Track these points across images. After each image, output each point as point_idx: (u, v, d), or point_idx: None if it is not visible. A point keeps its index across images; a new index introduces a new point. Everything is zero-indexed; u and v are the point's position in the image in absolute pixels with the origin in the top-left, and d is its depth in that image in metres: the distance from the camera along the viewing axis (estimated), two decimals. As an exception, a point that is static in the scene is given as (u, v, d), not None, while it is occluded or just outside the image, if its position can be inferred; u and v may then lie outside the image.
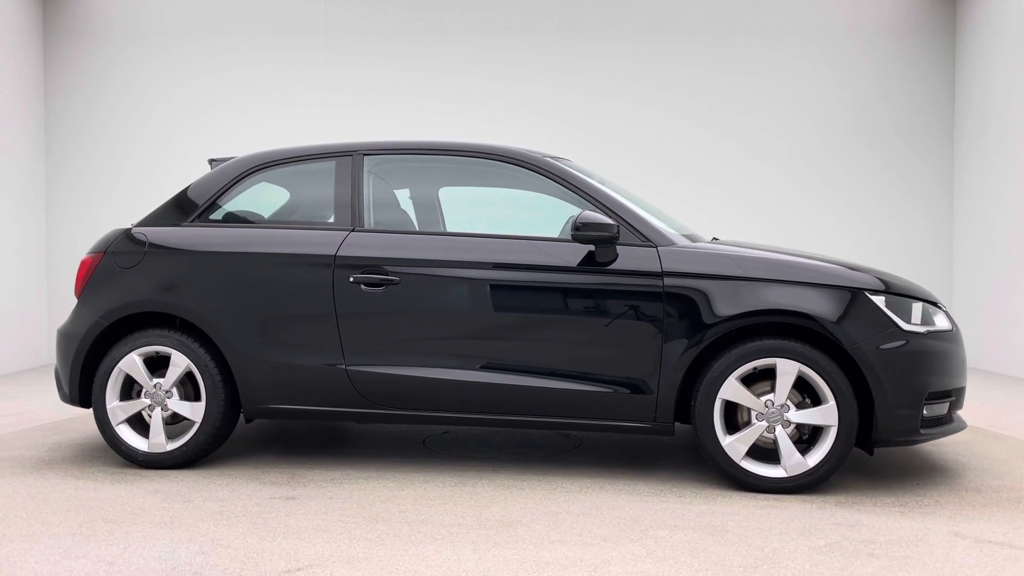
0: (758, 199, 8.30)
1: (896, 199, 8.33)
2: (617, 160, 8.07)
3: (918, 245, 8.34)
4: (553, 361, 3.76)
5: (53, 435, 4.80)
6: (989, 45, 7.77)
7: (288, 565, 2.72)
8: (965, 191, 8.14)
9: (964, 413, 4.77)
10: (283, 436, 4.79)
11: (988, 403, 5.94)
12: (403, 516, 3.26)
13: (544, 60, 8.32)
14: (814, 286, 3.62)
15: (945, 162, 8.37)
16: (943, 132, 8.36)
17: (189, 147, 8.17)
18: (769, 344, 3.58)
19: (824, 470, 3.55)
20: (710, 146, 8.33)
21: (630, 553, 2.84)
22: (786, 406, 3.59)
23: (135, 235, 4.19)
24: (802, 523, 3.18)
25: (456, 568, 2.69)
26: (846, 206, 8.32)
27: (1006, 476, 3.93)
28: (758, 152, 8.33)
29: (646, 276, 3.69)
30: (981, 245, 7.87)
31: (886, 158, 8.33)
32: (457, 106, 8.28)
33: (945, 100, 8.35)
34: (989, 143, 7.75)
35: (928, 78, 8.34)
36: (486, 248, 3.86)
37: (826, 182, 8.33)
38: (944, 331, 3.77)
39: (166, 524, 3.16)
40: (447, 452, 4.38)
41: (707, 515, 3.28)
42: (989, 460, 4.25)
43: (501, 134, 7.76)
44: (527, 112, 8.27)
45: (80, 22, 8.34)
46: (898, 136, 8.32)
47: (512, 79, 8.33)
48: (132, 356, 4.04)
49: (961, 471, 4.02)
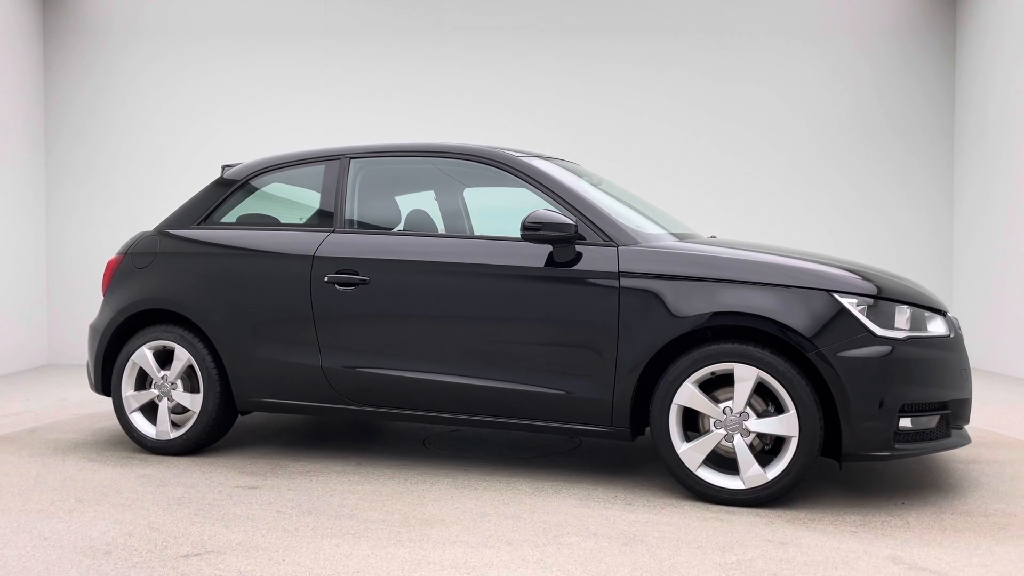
0: (757, 200, 8.33)
1: (896, 199, 8.33)
2: (617, 160, 8.07)
3: (918, 245, 8.34)
4: (514, 363, 3.73)
5: (100, 422, 5.23)
6: (989, 46, 7.72)
7: (191, 550, 2.87)
8: (965, 192, 8.12)
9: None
10: (298, 428, 5.00)
11: (988, 403, 5.84)
12: (338, 510, 3.34)
13: (544, 62, 8.38)
14: (775, 287, 3.40)
15: (945, 163, 8.34)
16: (943, 133, 8.34)
17: (189, 148, 8.25)
18: (726, 348, 3.40)
19: (783, 483, 3.33)
20: (710, 146, 8.35)
21: (520, 558, 2.79)
22: (745, 414, 3.39)
23: (149, 238, 4.52)
24: (730, 538, 3.01)
25: (339, 563, 2.75)
26: (847, 207, 8.33)
27: (996, 496, 3.54)
28: (758, 153, 8.35)
29: (603, 276, 3.59)
30: (981, 245, 7.85)
31: (886, 159, 8.32)
32: (458, 107, 8.35)
33: (945, 101, 8.33)
34: (989, 144, 7.70)
35: (928, 79, 8.32)
36: (451, 249, 3.89)
37: (826, 183, 8.34)
38: (935, 338, 3.45)
39: (123, 506, 3.40)
40: (444, 452, 4.43)
41: (636, 525, 3.16)
42: (987, 475, 3.84)
43: (501, 134, 7.91)
44: (528, 113, 8.36)
45: (80, 22, 8.32)
46: (898, 137, 8.32)
47: (512, 80, 8.40)
48: (143, 350, 4.36)
49: (954, 487, 3.65)
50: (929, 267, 8.25)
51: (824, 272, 3.43)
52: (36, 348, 8.23)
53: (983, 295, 7.83)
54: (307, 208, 4.40)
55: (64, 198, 8.37)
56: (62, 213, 8.38)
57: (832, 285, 3.38)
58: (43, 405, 5.89)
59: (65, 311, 8.30)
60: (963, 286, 8.16)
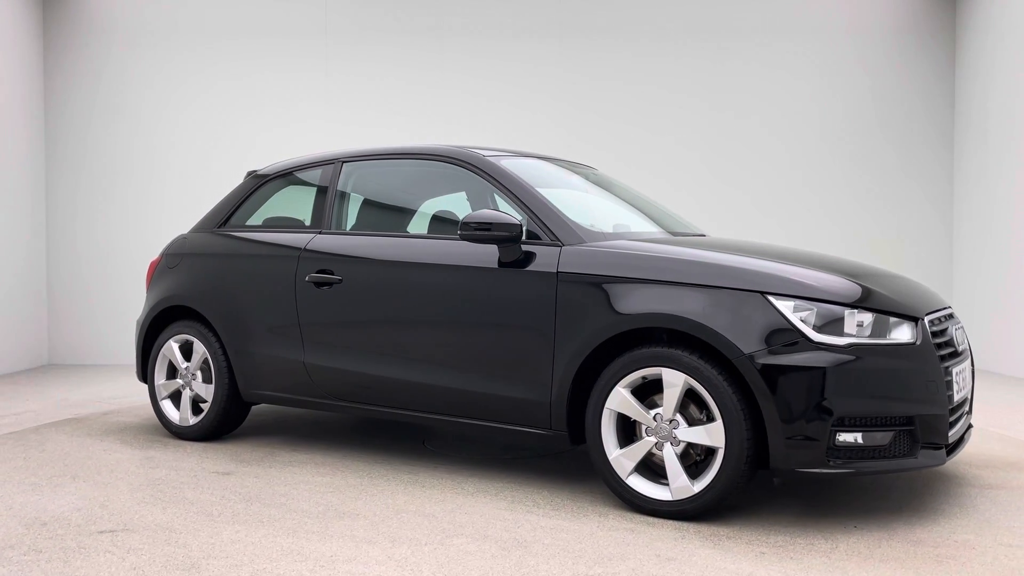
0: (756, 200, 8.28)
1: (897, 199, 8.29)
2: (617, 160, 7.87)
3: (919, 245, 8.30)
4: (464, 362, 3.74)
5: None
6: (990, 46, 7.69)
7: (111, 527, 3.12)
8: (966, 192, 8.09)
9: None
10: (322, 421, 5.24)
11: (988, 403, 5.80)
12: (275, 499, 3.51)
13: (545, 62, 8.32)
14: (708, 288, 3.20)
15: (946, 163, 8.30)
16: (943, 133, 8.30)
17: (189, 148, 8.26)
18: (655, 352, 3.24)
19: (708, 497, 3.13)
20: (709, 147, 8.32)
21: (386, 554, 2.81)
22: (676, 422, 3.22)
23: (180, 240, 4.93)
24: (618, 550, 2.87)
25: (220, 547, 2.90)
26: (847, 207, 8.29)
27: (971, 526, 3.11)
28: (757, 153, 8.31)
29: (544, 277, 3.53)
30: (982, 246, 7.83)
31: (887, 159, 8.28)
32: (458, 107, 8.28)
33: (945, 101, 8.28)
34: (990, 144, 7.66)
35: (928, 79, 8.28)
36: (413, 249, 3.95)
37: (826, 183, 8.31)
38: (893, 346, 3.11)
39: (102, 484, 3.74)
40: (438, 451, 4.50)
41: (539, 531, 3.09)
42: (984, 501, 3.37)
43: (502, 135, 7.86)
44: (528, 113, 8.30)
45: (80, 22, 8.31)
46: (898, 137, 8.28)
47: (513, 81, 8.35)
48: (170, 342, 4.75)
49: (931, 511, 3.25)
50: (929, 267, 8.23)
51: (759, 272, 3.19)
52: (36, 348, 8.17)
53: (983, 295, 7.81)
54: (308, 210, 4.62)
55: (64, 198, 8.33)
56: (62, 213, 8.33)
57: (765, 287, 3.13)
58: (43, 405, 5.88)
59: (65, 311, 8.36)
60: (963, 286, 8.14)
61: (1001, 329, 7.53)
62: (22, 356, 7.91)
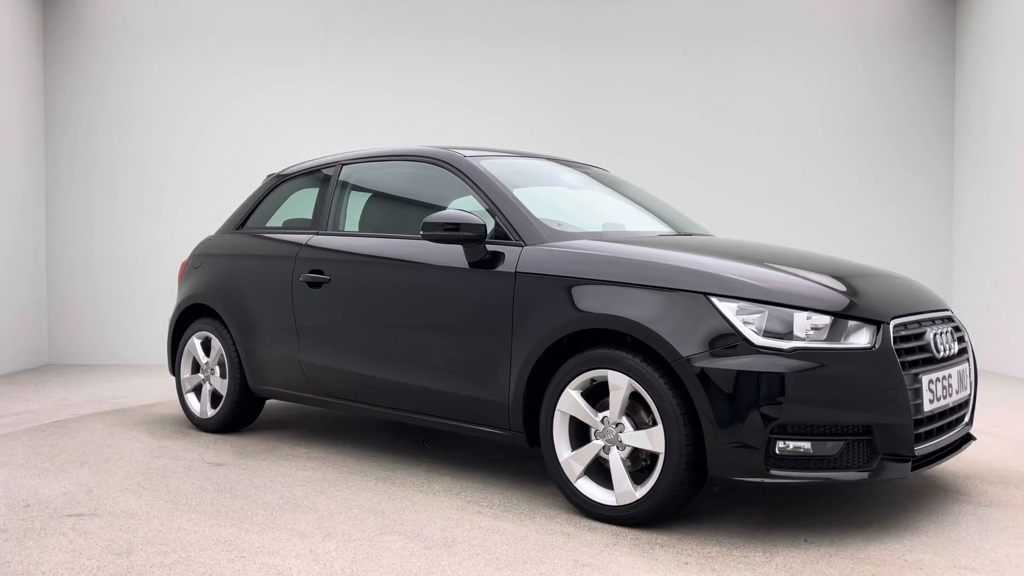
0: (756, 200, 8.24)
1: (897, 199, 8.27)
2: (616, 160, 7.69)
3: (918, 246, 8.27)
4: (433, 361, 3.77)
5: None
6: (989, 46, 7.70)
7: (84, 511, 3.33)
8: (966, 192, 8.08)
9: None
10: (341, 417, 5.38)
11: (990, 403, 5.77)
12: (245, 491, 3.64)
13: (545, 63, 8.26)
14: (653, 289, 3.11)
15: (946, 163, 8.29)
16: (943, 133, 8.28)
17: (189, 148, 8.24)
18: (600, 354, 3.19)
19: (650, 503, 3.04)
20: (709, 147, 8.27)
21: (308, 549, 2.88)
22: (621, 425, 3.15)
23: (205, 241, 5.17)
24: (540, 554, 2.84)
25: (168, 534, 3.03)
26: (847, 207, 8.28)
27: (934, 545, 2.89)
28: (758, 153, 8.27)
29: (504, 277, 3.52)
30: (981, 246, 7.82)
31: (886, 159, 8.27)
32: (459, 107, 8.19)
33: (945, 101, 8.28)
34: (990, 144, 7.67)
35: (928, 79, 8.27)
36: (392, 249, 4.00)
37: (826, 183, 8.28)
38: (847, 351, 2.93)
39: (103, 471, 3.99)
40: (435, 449, 4.56)
41: (474, 531, 3.08)
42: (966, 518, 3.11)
43: (502, 136, 7.75)
44: (528, 113, 8.21)
45: (80, 22, 8.28)
46: (898, 137, 8.26)
47: (513, 81, 8.22)
48: (193, 339, 5.00)
49: (898, 526, 3.04)
50: (929, 267, 8.19)
51: (704, 274, 3.07)
52: (36, 348, 8.15)
53: (983, 295, 7.80)
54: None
55: (64, 198, 8.30)
56: (62, 213, 8.31)
57: (709, 288, 3.02)
58: (43, 405, 5.89)
59: (65, 311, 8.36)
60: (963, 286, 8.13)
61: (1001, 329, 7.51)
62: (22, 356, 7.88)
